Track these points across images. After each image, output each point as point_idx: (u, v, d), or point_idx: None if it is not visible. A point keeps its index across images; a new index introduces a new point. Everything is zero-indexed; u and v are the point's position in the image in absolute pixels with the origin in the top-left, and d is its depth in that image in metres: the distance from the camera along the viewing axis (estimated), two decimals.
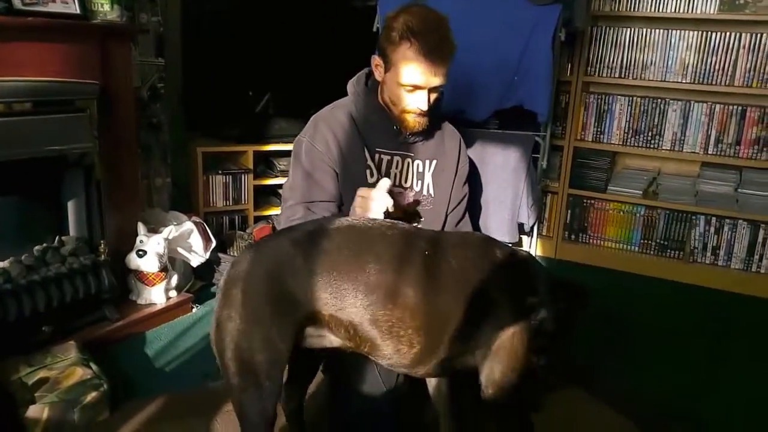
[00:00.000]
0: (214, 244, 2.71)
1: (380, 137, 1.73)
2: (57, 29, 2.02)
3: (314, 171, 1.68)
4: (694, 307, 2.91)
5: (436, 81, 1.59)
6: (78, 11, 2.07)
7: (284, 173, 3.25)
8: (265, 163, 3.33)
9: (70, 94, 2.08)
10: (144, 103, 2.65)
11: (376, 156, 1.72)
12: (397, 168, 1.75)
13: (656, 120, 3.17)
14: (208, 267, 2.78)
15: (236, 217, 3.22)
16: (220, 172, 3.10)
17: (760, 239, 3.04)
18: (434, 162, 1.79)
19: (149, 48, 2.64)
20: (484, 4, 2.53)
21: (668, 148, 3.16)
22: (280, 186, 3.33)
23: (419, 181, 1.79)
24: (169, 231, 2.45)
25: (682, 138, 3.13)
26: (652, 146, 3.20)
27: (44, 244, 2.12)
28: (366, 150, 1.70)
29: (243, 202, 3.20)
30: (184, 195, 3.13)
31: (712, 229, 3.14)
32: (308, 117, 3.20)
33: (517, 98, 2.59)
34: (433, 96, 1.64)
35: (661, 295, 3.04)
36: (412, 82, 1.58)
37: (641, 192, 3.24)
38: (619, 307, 2.86)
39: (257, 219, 3.26)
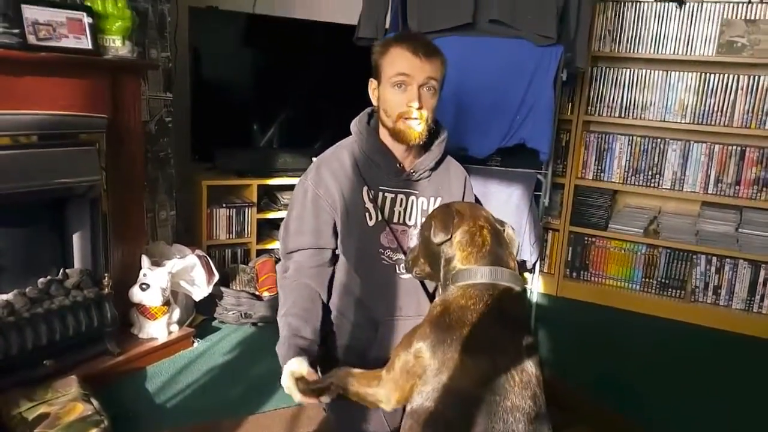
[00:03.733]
0: (216, 277, 2.71)
1: (383, 175, 1.75)
2: (69, 64, 2.05)
3: (311, 216, 1.72)
4: (694, 347, 2.90)
5: (425, 71, 1.63)
6: (90, 47, 2.11)
7: (287, 207, 3.26)
8: (269, 197, 3.34)
9: (79, 128, 2.11)
10: (152, 136, 2.68)
11: (380, 194, 1.74)
12: (400, 206, 1.77)
13: (656, 159, 3.21)
14: (210, 301, 2.76)
15: (239, 250, 3.22)
16: (224, 205, 3.11)
17: (761, 279, 3.05)
18: (438, 199, 1.81)
19: (158, 82, 2.68)
20: (486, 44, 2.57)
21: (668, 187, 3.19)
22: (282, 219, 3.35)
23: (423, 219, 1.80)
24: (173, 264, 2.44)
25: (682, 177, 3.16)
26: (652, 185, 3.23)
27: (48, 277, 2.12)
28: (365, 192, 1.72)
29: (246, 236, 3.20)
30: (188, 228, 3.14)
31: (713, 269, 3.15)
32: (312, 151, 3.26)
33: (520, 136, 2.62)
34: (427, 97, 1.67)
35: (662, 334, 3.03)
36: (400, 71, 1.63)
37: (642, 230, 3.25)
38: (620, 346, 2.85)
39: (260, 252, 3.26)
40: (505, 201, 2.62)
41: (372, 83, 1.75)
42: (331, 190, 1.71)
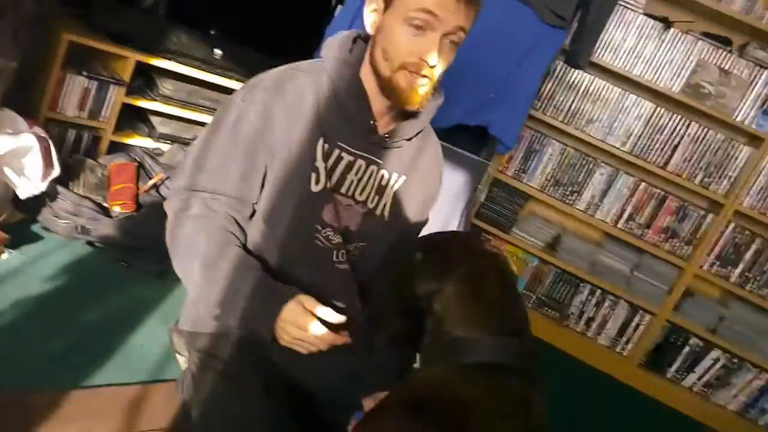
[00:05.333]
0: (56, 172, 1.99)
1: (348, 129, 1.26)
2: None
3: (242, 156, 1.20)
4: (556, 371, 2.82)
5: (458, 18, 1.16)
6: None
7: (166, 100, 2.57)
8: (145, 80, 2.59)
9: None
10: None
11: (335, 153, 1.26)
12: (356, 174, 1.30)
13: (581, 177, 3.02)
14: (37, 197, 2.03)
15: (86, 134, 2.45)
16: (84, 73, 2.33)
17: (633, 323, 3.05)
18: (402, 179, 1.36)
19: None
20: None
21: (582, 209, 3.03)
22: (155, 113, 2.64)
23: (376, 197, 1.34)
24: (1, 144, 1.70)
25: (599, 203, 3.02)
26: (568, 201, 3.04)
27: None
28: (320, 146, 1.24)
29: (102, 118, 2.45)
30: (27, 88, 2.30)
31: (594, 300, 3.09)
32: (212, 40, 2.58)
33: (485, 118, 2.22)
34: (447, 51, 1.20)
35: None
36: (427, 7, 1.14)
37: (543, 243, 3.08)
38: None
39: (114, 146, 2.53)
40: (444, 187, 2.23)
41: (374, 1, 1.22)
42: (276, 129, 1.20)
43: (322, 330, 1.10)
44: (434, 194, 1.48)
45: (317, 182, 1.24)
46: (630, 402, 2.89)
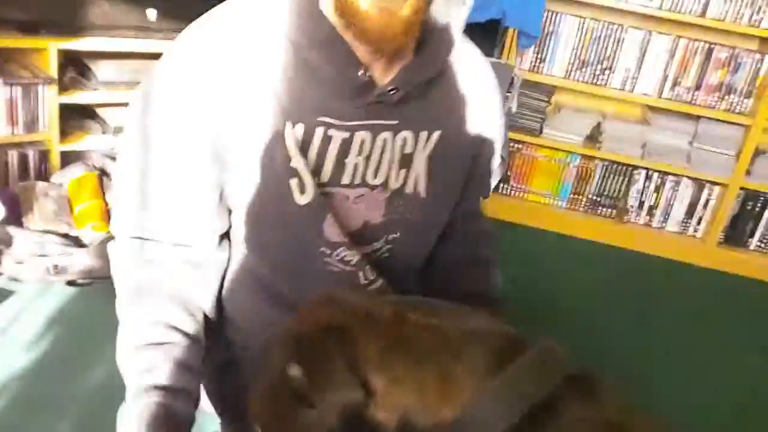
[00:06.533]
0: (2, 214, 1.59)
1: (328, 93, 0.79)
2: None
3: (183, 174, 0.80)
4: (623, 272, 2.54)
5: None
6: None
7: (109, 85, 2.13)
8: (77, 69, 2.14)
9: None
10: None
11: (317, 133, 0.80)
12: (359, 154, 0.83)
13: (608, 50, 2.58)
14: None
15: (30, 152, 2.05)
16: (0, 81, 1.89)
17: (702, 200, 2.69)
18: (435, 134, 0.91)
19: None
20: None
21: (618, 87, 2.61)
22: (102, 105, 2.21)
23: (402, 172, 0.90)
24: None
25: (636, 76, 2.59)
26: (600, 83, 2.62)
27: None
28: (289, 132, 0.79)
29: (41, 128, 2.03)
30: None
31: (652, 186, 2.72)
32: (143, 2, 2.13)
33: (499, 9, 1.77)
34: None
35: (590, 259, 2.62)
36: None
37: (582, 138, 2.68)
38: (544, 272, 2.39)
39: (66, 157, 2.11)
40: None
41: None
42: (216, 129, 0.78)
43: None
44: (497, 134, 1.01)
45: (302, 190, 0.79)
46: (714, 285, 2.58)
